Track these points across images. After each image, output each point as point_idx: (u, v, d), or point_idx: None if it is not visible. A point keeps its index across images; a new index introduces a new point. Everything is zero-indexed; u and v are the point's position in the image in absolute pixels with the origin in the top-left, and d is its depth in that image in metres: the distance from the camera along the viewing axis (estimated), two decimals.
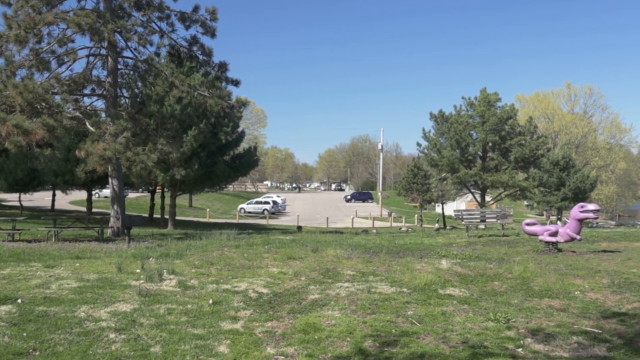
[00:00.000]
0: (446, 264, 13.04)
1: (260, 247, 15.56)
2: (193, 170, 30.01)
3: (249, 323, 7.96)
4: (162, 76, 22.16)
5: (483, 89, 47.98)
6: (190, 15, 22.65)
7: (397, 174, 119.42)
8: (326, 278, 11.14)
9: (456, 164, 45.93)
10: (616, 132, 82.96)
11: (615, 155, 79.70)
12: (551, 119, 79.82)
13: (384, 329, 7.69)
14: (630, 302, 9.46)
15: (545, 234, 15.77)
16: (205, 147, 31.24)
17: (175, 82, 21.66)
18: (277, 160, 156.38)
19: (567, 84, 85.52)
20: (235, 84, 24.39)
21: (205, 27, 22.66)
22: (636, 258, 14.07)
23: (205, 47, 23.34)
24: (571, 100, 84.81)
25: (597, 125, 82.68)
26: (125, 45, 22.39)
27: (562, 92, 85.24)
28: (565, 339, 7.40)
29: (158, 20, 22.59)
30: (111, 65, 21.73)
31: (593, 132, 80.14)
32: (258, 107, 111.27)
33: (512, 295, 10.11)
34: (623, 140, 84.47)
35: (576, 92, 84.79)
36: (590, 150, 77.68)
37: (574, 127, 77.32)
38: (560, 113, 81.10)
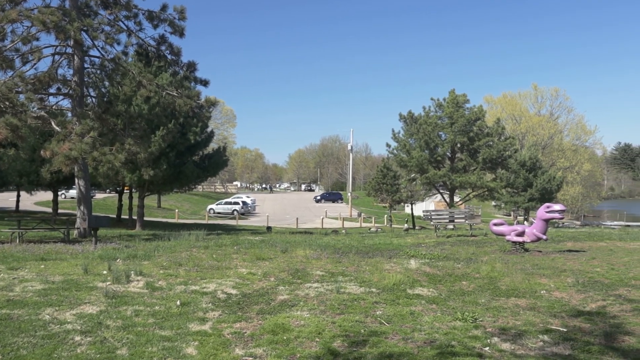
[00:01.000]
0: (415, 264, 13.12)
1: (229, 248, 15.47)
2: (161, 170, 29.74)
3: (218, 324, 7.91)
4: (130, 75, 21.91)
5: (452, 91, 48.43)
6: (158, 14, 22.42)
7: (367, 175, 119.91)
8: (295, 279, 11.13)
9: (425, 165, 46.27)
10: (581, 133, 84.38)
11: (581, 156, 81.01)
12: (518, 120, 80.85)
13: (353, 329, 7.70)
14: (594, 300, 9.63)
15: (512, 234, 15.97)
16: (174, 147, 30.99)
17: (143, 82, 21.42)
18: (246, 161, 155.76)
19: (534, 86, 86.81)
20: (204, 83, 24.24)
21: (174, 27, 22.46)
22: (600, 257, 14.32)
23: (173, 47, 23.13)
24: (538, 102, 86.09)
25: (563, 127, 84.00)
26: (92, 44, 22.08)
27: (529, 94, 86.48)
28: (531, 338, 7.49)
29: (125, 19, 22.32)
30: (77, 64, 21.40)
31: (559, 134, 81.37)
32: (227, 107, 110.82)
33: (479, 294, 10.21)
34: (588, 142, 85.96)
35: (543, 94, 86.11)
36: (556, 152, 78.85)
37: (540, 129, 78.41)
38: (527, 115, 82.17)
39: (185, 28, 22.63)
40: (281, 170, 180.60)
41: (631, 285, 10.73)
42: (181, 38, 22.82)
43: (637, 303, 9.26)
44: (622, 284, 10.82)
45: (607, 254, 15.02)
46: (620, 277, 11.50)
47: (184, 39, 22.94)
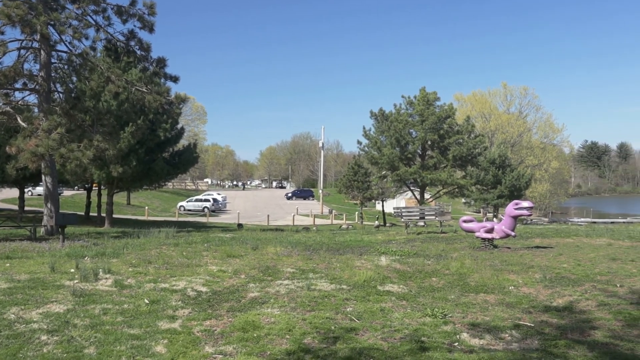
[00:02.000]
0: (385, 260, 13.18)
1: (199, 245, 15.39)
2: (131, 167, 29.39)
3: (187, 322, 7.85)
4: (98, 71, 21.60)
5: (422, 88, 48.66)
6: (127, 9, 22.14)
7: (338, 172, 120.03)
8: (266, 276, 11.10)
9: (396, 162, 46.46)
10: (549, 131, 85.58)
11: (549, 154, 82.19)
12: (488, 118, 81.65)
13: (324, 325, 7.70)
14: (561, 296, 9.77)
15: (481, 231, 16.14)
16: (144, 144, 30.66)
17: (112, 77, 21.14)
18: (217, 158, 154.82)
19: (504, 85, 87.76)
20: (174, 80, 24.01)
21: (143, 22, 22.20)
22: (567, 254, 14.54)
23: (143, 42, 22.87)
24: (507, 100, 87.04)
25: (532, 125, 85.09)
26: (59, 39, 21.72)
27: (499, 92, 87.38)
28: (499, 333, 7.57)
29: (94, 13, 21.99)
30: (44, 59, 21.04)
31: (528, 132, 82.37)
32: (198, 104, 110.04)
33: (449, 290, 10.29)
34: (556, 140, 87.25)
35: (512, 92, 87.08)
36: (525, 149, 79.81)
37: (509, 127, 79.29)
38: (497, 113, 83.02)
39: (155, 23, 22.40)
40: (252, 167, 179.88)
41: (597, 280, 10.92)
42: (151, 34, 22.60)
43: (602, 298, 9.43)
44: (588, 280, 11.00)
45: (574, 250, 15.27)
46: (586, 272, 11.69)
47: (153, 34, 22.72)
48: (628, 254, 14.22)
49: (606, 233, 20.27)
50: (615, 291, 9.96)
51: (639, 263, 12.73)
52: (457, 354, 6.58)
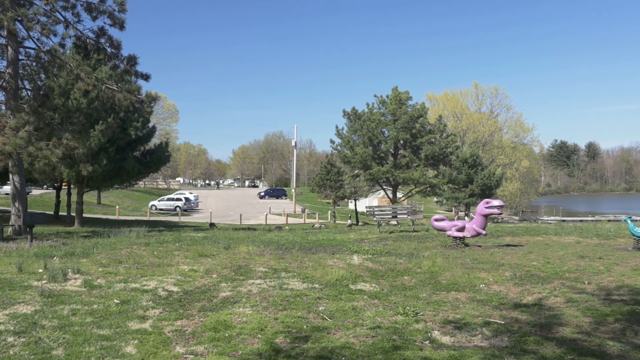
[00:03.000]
0: (357, 259, 13.21)
1: (171, 245, 15.27)
2: (101, 166, 29.03)
3: (158, 322, 7.78)
4: (67, 68, 21.27)
5: (394, 88, 48.85)
6: (97, 6, 21.84)
7: (311, 171, 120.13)
8: (238, 275, 11.05)
9: (369, 161, 46.59)
10: (520, 131, 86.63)
11: (519, 153, 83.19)
12: (460, 117, 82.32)
13: (296, 325, 7.69)
14: (531, 293, 9.89)
15: (453, 230, 16.26)
16: (114, 143, 30.29)
17: (81, 75, 20.83)
18: (189, 157, 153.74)
19: (475, 84, 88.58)
20: (145, 78, 23.76)
21: (114, 19, 21.92)
22: (537, 252, 14.72)
23: (113, 40, 22.59)
24: (478, 100, 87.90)
25: (503, 125, 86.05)
26: (27, 35, 21.31)
27: (470, 92, 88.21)
28: (470, 331, 7.63)
29: (63, 9, 21.64)
30: (11, 56, 20.66)
31: (499, 131, 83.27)
32: (170, 102, 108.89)
33: (421, 289, 10.35)
34: (526, 139, 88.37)
35: (483, 92, 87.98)
36: (496, 149, 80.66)
37: (481, 126, 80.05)
38: (468, 112, 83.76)
39: (126, 21, 22.12)
40: (225, 166, 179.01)
41: (565, 278, 11.07)
42: (121, 31, 22.31)
43: (571, 295, 9.56)
44: (557, 277, 11.15)
45: (544, 248, 15.46)
46: (555, 270, 11.85)
47: (124, 32, 22.45)
48: (596, 252, 14.44)
49: (575, 231, 20.56)
50: (584, 288, 10.11)
51: (606, 260, 12.93)
52: (429, 352, 6.62)
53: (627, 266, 12.13)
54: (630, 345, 6.92)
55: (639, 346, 6.90)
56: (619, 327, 7.68)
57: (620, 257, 13.48)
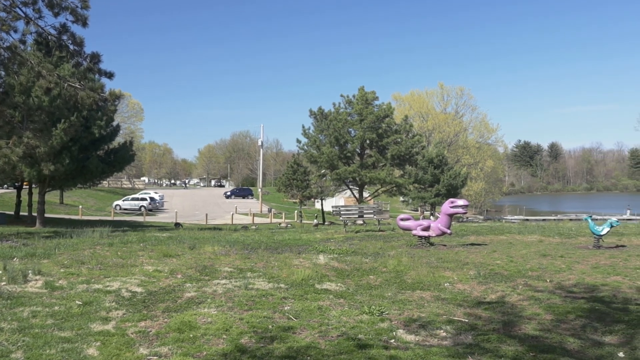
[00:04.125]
0: (323, 259, 13.22)
1: (135, 245, 15.08)
2: (63, 165, 28.54)
3: (121, 323, 7.67)
4: (28, 65, 20.81)
5: (361, 88, 49.03)
6: (59, 2, 21.36)
7: (278, 171, 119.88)
8: (203, 275, 10.96)
9: (335, 161, 46.69)
10: (484, 131, 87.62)
11: (484, 153, 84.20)
12: (425, 118, 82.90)
13: (261, 325, 7.65)
14: (494, 291, 10.01)
15: (418, 229, 16.39)
16: (77, 141, 29.82)
17: (43, 72, 20.41)
18: (155, 156, 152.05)
19: (441, 85, 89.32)
20: (109, 76, 23.34)
21: (76, 15, 21.49)
22: (500, 250, 14.92)
23: (76, 37, 22.14)
24: (444, 101, 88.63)
25: (468, 125, 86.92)
26: None
27: (436, 92, 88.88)
28: (435, 329, 7.69)
29: (23, 5, 21.12)
30: None
31: (464, 132, 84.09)
32: (134, 101, 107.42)
33: (386, 288, 10.40)
34: (491, 140, 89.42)
35: (449, 92, 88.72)
36: (461, 149, 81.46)
37: (446, 126, 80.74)
38: (434, 112, 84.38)
39: (89, 18, 21.71)
40: (190, 165, 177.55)
41: (528, 276, 11.24)
42: (84, 28, 21.85)
43: (533, 293, 9.71)
44: (520, 275, 11.31)
45: (507, 247, 15.68)
46: (518, 268, 12.03)
47: (87, 29, 22.03)
48: (557, 250, 14.70)
49: (537, 230, 20.90)
50: (545, 286, 10.28)
51: (567, 259, 13.16)
52: (393, 351, 6.65)
53: (588, 264, 12.37)
54: (589, 342, 7.05)
55: (597, 342, 7.04)
56: (579, 324, 7.82)
57: (581, 255, 13.74)
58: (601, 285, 10.23)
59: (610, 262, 12.66)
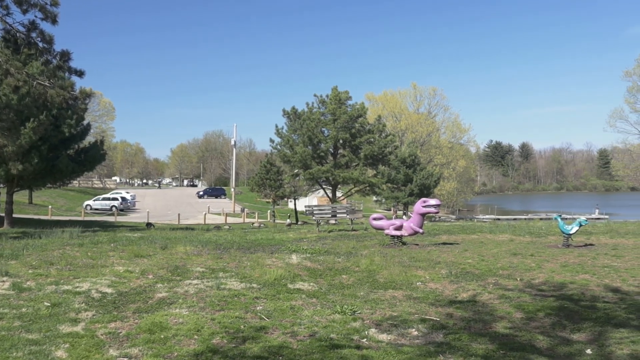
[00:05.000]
0: (296, 258, 13.20)
1: (105, 245, 14.90)
2: (32, 164, 28.10)
3: (91, 325, 7.57)
4: None
5: (334, 87, 49.07)
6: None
7: (251, 170, 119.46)
8: (175, 276, 10.87)
9: (308, 161, 46.66)
10: (457, 131, 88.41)
11: (456, 153, 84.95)
12: (398, 118, 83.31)
13: (233, 325, 7.62)
14: (466, 290, 10.09)
15: (390, 228, 16.44)
16: (47, 140, 29.37)
17: (11, 70, 20.06)
18: (126, 155, 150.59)
19: (414, 85, 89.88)
20: (79, 74, 23.02)
21: (45, 12, 21.15)
22: (472, 249, 15.05)
23: (45, 34, 21.79)
24: (417, 101, 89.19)
25: (440, 125, 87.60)
26: None
27: (409, 93, 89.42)
28: (407, 328, 7.73)
29: None
30: None
31: (436, 131, 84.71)
32: (106, 100, 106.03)
33: (358, 287, 10.43)
34: (463, 140, 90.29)
35: (421, 92, 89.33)
36: (434, 149, 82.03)
37: (419, 126, 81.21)
38: (407, 112, 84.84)
39: (59, 15, 21.38)
40: (163, 165, 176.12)
41: (499, 275, 11.36)
42: (54, 25, 21.52)
43: (504, 291, 9.81)
44: (491, 274, 11.42)
45: (478, 246, 15.82)
46: (489, 267, 12.15)
47: (57, 26, 21.70)
48: (528, 249, 14.87)
49: (508, 229, 21.10)
50: (516, 285, 10.40)
51: (537, 258, 13.32)
52: (366, 350, 6.67)
53: (557, 263, 12.54)
54: (558, 339, 7.15)
55: (566, 340, 7.13)
56: (549, 322, 7.92)
57: (551, 254, 13.91)
58: (570, 283, 10.38)
59: (579, 260, 12.84)
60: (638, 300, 9.03)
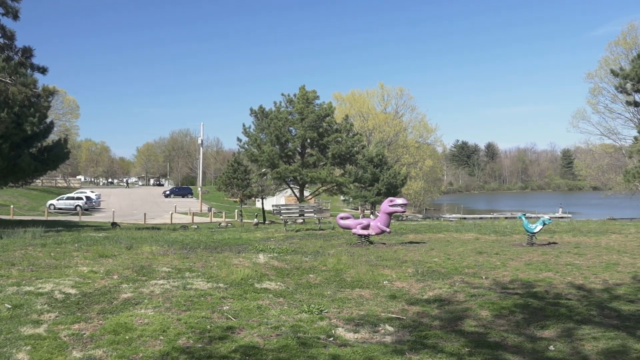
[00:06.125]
0: (263, 258, 13.16)
1: (69, 245, 14.67)
2: None
3: (54, 326, 7.42)
4: None
5: (302, 87, 49.12)
6: None
7: (218, 169, 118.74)
8: (140, 276, 10.73)
9: (276, 160, 46.58)
10: (424, 131, 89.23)
11: (423, 153, 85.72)
12: (366, 117, 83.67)
13: (199, 325, 7.54)
14: (432, 289, 10.17)
15: (358, 227, 16.49)
16: (8, 139, 28.76)
17: None
18: (91, 154, 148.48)
19: (381, 85, 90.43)
20: (42, 71, 22.75)
21: (6, 8, 20.82)
22: (438, 248, 15.19)
23: (6, 30, 21.46)
24: (384, 100, 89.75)
25: (407, 125, 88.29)
26: None
27: (376, 92, 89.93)
28: (374, 327, 7.75)
29: None
30: None
31: (404, 131, 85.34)
32: (70, 97, 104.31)
33: (325, 287, 10.43)
34: (430, 139, 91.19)
35: (389, 92, 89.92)
36: (401, 148, 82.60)
37: (386, 126, 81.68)
38: (375, 112, 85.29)
39: (20, 10, 21.06)
40: (129, 164, 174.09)
41: (465, 273, 11.48)
42: (15, 21, 21.25)
43: (470, 290, 9.91)
44: (456, 273, 11.53)
45: (445, 245, 15.97)
46: (455, 266, 12.27)
47: (19, 22, 21.34)
48: (493, 248, 15.07)
49: (474, 228, 21.35)
50: (481, 283, 10.51)
51: (502, 256, 13.51)
52: (333, 349, 6.66)
53: (521, 261, 12.73)
54: (523, 337, 7.24)
55: (531, 337, 7.23)
56: (514, 319, 8.03)
57: (515, 252, 14.12)
58: (534, 281, 10.54)
59: (543, 258, 13.06)
60: (600, 297, 9.22)
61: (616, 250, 14.61)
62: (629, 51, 52.92)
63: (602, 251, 14.37)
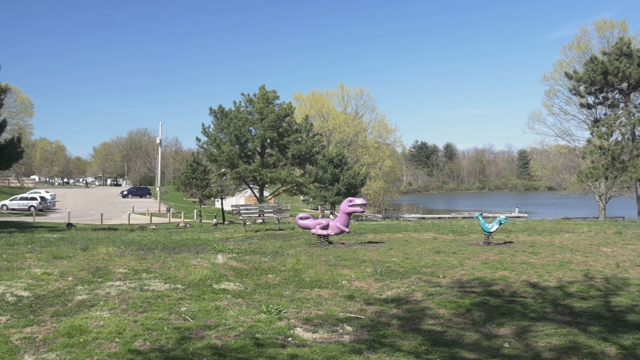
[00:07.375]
0: (222, 258, 13.07)
1: (22, 247, 14.35)
2: None
3: (5, 330, 7.24)
4: None
5: (262, 86, 48.95)
6: None
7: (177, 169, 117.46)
8: (96, 277, 10.55)
9: (236, 160, 46.32)
10: (383, 132, 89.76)
11: (383, 153, 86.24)
12: (326, 118, 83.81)
13: (156, 327, 7.45)
14: (390, 288, 10.24)
15: (317, 228, 16.51)
16: None
17: None
18: (46, 153, 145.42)
19: (341, 85, 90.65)
20: None
21: None
22: (397, 248, 15.30)
23: None
24: (344, 101, 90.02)
25: (367, 125, 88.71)
26: None
27: (336, 93, 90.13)
28: (332, 326, 7.77)
29: None
30: None
31: (363, 132, 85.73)
32: (24, 95, 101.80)
33: (284, 287, 10.41)
34: (389, 140, 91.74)
35: (349, 93, 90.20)
36: (360, 149, 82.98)
37: (346, 126, 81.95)
38: (335, 112, 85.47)
39: None
40: (85, 163, 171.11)
41: (423, 272, 11.59)
42: None
43: (428, 288, 10.02)
44: (415, 272, 11.64)
45: (403, 245, 16.10)
46: (413, 265, 12.38)
47: None
48: (450, 247, 15.25)
49: (432, 228, 21.58)
50: (439, 282, 10.64)
51: (460, 255, 13.69)
52: (291, 349, 6.66)
53: (478, 260, 12.92)
54: (480, 334, 7.35)
55: (488, 334, 7.35)
56: (471, 318, 8.14)
57: (473, 251, 14.32)
58: (491, 279, 10.72)
59: (499, 257, 13.28)
60: (553, 295, 9.42)
61: (569, 249, 14.94)
62: (582, 55, 54.17)
63: (556, 250, 14.68)
